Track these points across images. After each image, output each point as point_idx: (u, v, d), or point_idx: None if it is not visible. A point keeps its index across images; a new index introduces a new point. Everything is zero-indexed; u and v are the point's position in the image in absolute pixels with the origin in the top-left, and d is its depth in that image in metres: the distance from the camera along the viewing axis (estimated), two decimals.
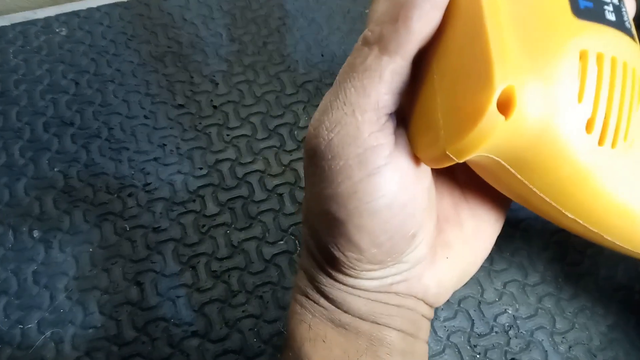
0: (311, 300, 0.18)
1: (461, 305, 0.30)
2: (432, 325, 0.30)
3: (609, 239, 0.16)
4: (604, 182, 0.15)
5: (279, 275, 0.30)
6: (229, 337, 0.28)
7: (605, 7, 0.14)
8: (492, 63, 0.13)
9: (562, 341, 0.30)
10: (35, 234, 0.31)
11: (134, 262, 0.30)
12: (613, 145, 0.14)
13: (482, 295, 0.31)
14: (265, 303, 0.29)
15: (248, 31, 0.41)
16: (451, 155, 0.14)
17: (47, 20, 0.40)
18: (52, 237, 0.31)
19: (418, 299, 0.18)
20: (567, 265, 0.32)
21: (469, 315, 0.30)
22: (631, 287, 0.32)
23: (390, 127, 0.15)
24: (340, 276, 0.17)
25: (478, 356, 0.29)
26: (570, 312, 0.31)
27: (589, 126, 0.14)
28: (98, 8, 0.41)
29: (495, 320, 0.30)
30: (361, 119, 0.14)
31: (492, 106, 0.12)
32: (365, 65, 0.14)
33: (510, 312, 0.30)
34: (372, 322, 0.17)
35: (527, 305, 0.30)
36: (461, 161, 0.14)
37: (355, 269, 0.16)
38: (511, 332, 0.30)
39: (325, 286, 0.17)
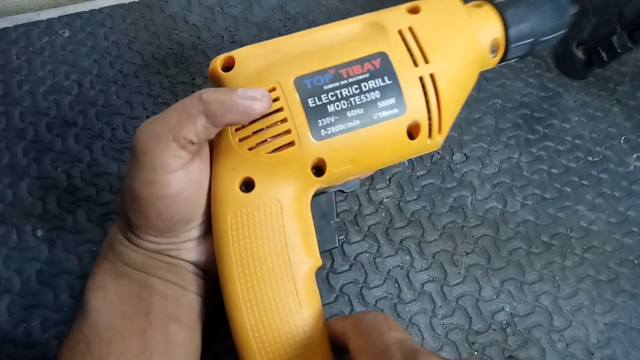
0: (103, 259, 0.24)
1: (459, 303, 0.31)
2: (430, 323, 0.30)
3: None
4: None
5: None
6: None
7: None
8: None
9: (559, 339, 0.30)
10: (39, 233, 0.31)
11: None
12: None
13: (479, 293, 0.31)
14: None
15: (249, 33, 0.41)
16: None
17: (49, 21, 0.41)
18: (56, 237, 0.31)
19: (188, 261, 0.24)
20: (565, 265, 0.32)
21: (467, 312, 0.30)
22: (630, 288, 0.32)
23: (192, 148, 0.21)
24: (129, 235, 0.23)
25: (476, 353, 0.29)
26: (567, 310, 0.31)
27: None
28: (100, 10, 0.42)
29: (493, 317, 0.30)
30: (171, 138, 0.21)
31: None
32: (191, 111, 0.21)
33: (507, 309, 0.31)
34: (142, 271, 0.23)
35: (525, 303, 0.31)
36: None
37: (141, 232, 0.23)
38: (509, 330, 0.30)
39: (120, 244, 0.23)
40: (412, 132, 0.24)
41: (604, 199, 0.35)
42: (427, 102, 0.23)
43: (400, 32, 0.24)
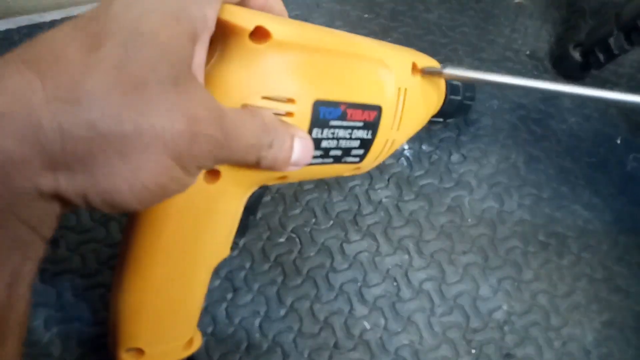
0: None
1: (457, 302, 0.31)
2: (428, 321, 0.30)
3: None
4: None
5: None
6: (236, 334, 0.29)
7: None
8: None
9: (556, 337, 0.30)
10: None
11: None
12: None
13: (477, 292, 0.31)
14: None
15: None
16: None
17: (53, 23, 0.41)
18: (59, 236, 0.32)
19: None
20: (561, 264, 0.33)
21: (465, 311, 0.31)
22: (626, 287, 0.32)
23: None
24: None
25: (473, 351, 0.30)
26: (564, 309, 0.31)
27: None
28: None
29: (490, 316, 0.31)
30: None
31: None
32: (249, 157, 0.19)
33: (505, 308, 0.31)
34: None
35: (522, 302, 0.31)
36: None
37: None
38: (506, 328, 0.30)
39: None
40: (352, 171, 0.27)
41: (600, 199, 0.36)
42: (377, 157, 0.26)
43: (399, 90, 0.25)
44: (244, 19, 0.18)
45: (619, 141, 0.38)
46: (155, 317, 0.22)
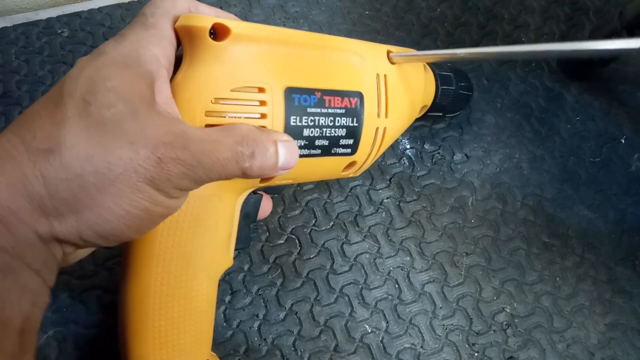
0: None
1: (459, 304, 0.31)
2: (430, 324, 0.30)
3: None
4: None
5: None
6: (234, 336, 0.29)
7: None
8: None
9: (560, 339, 0.30)
10: None
11: None
12: None
13: (480, 294, 0.31)
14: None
15: None
16: None
17: (48, 21, 0.41)
18: None
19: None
20: (565, 265, 0.32)
21: (467, 313, 0.30)
22: (630, 288, 0.32)
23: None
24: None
25: (476, 354, 0.29)
26: (568, 311, 0.31)
27: None
28: (99, 9, 0.42)
29: (493, 318, 0.30)
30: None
31: None
32: (228, 169, 0.19)
33: (508, 310, 0.31)
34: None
35: (525, 304, 0.31)
36: None
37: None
38: (509, 331, 0.30)
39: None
40: (348, 167, 0.27)
41: (604, 199, 0.35)
42: (371, 148, 0.26)
43: (377, 76, 0.25)
44: (201, 20, 0.20)
45: (623, 141, 0.38)
46: (161, 336, 0.21)
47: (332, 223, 0.33)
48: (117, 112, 0.16)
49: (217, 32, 0.20)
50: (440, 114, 0.35)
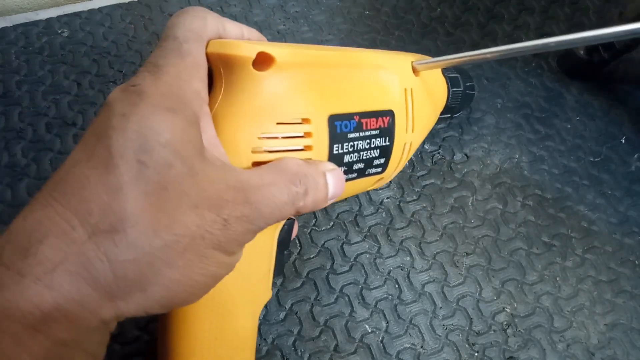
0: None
1: (460, 304, 0.30)
2: (430, 324, 0.30)
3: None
4: None
5: None
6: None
7: None
8: None
9: (560, 340, 0.30)
10: None
11: None
12: None
13: (480, 294, 0.31)
14: None
15: None
16: None
17: (48, 21, 0.41)
18: None
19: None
20: (565, 265, 0.32)
21: (467, 313, 0.30)
22: (630, 288, 0.32)
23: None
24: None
25: (476, 354, 0.29)
26: (568, 311, 0.31)
27: None
28: (99, 9, 0.42)
29: (493, 318, 0.30)
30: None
31: None
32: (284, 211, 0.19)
33: (508, 310, 0.31)
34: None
35: (525, 304, 0.31)
36: None
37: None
38: (509, 331, 0.30)
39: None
40: (375, 183, 0.26)
41: (605, 199, 0.35)
42: (398, 163, 0.26)
43: (405, 91, 0.25)
44: (245, 48, 0.18)
45: (623, 141, 0.38)
46: None
47: (332, 223, 0.33)
48: (176, 173, 0.15)
49: (260, 61, 0.18)
50: (449, 115, 0.34)
